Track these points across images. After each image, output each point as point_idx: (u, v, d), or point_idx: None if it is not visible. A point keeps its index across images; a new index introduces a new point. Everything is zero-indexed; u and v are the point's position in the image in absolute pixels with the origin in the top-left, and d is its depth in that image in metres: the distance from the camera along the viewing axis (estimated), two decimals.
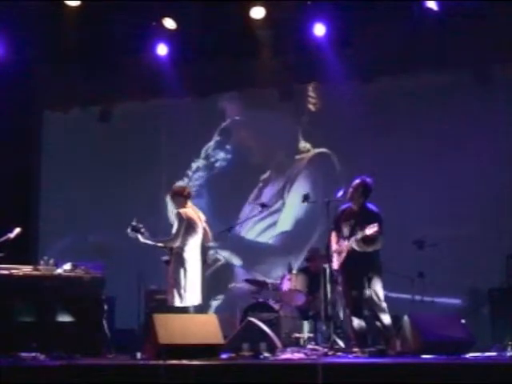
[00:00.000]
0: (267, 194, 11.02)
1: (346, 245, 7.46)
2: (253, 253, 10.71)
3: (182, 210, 7.57)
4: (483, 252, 9.57)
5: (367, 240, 7.30)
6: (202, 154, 11.44)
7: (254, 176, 11.17)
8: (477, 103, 9.92)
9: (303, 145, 11.05)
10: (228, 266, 10.93)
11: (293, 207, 10.76)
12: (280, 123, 11.07)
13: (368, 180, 7.55)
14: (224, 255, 10.89)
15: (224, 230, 8.74)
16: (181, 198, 7.66)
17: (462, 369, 5.33)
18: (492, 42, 9.64)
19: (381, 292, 7.37)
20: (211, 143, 11.41)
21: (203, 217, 7.74)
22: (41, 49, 10.56)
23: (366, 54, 10.05)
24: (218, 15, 9.87)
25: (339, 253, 7.52)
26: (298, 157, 11.00)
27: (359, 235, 7.28)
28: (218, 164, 11.41)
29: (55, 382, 5.60)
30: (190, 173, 11.44)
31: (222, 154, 11.40)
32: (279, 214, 10.89)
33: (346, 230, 7.50)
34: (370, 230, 7.16)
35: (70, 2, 9.72)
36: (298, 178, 10.96)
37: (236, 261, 10.68)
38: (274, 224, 10.84)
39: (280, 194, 11.02)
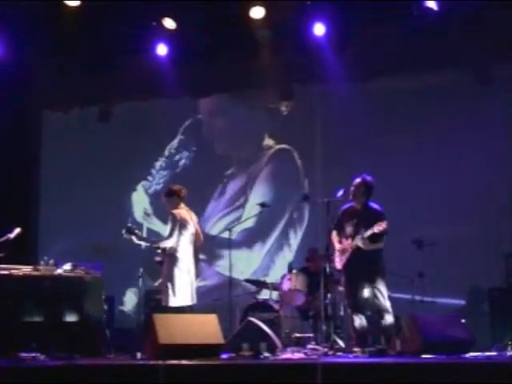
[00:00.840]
0: (231, 190, 11.13)
1: (349, 243, 7.44)
2: (215, 248, 10.75)
3: (175, 211, 7.63)
4: (483, 251, 9.57)
5: (373, 238, 7.30)
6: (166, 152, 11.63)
7: (219, 172, 11.29)
8: (477, 103, 9.90)
9: (266, 142, 11.13)
10: None
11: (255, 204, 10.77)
12: (250, 120, 11.15)
13: (369, 178, 7.55)
14: None
15: (224, 230, 8.75)
16: (177, 198, 7.71)
17: (462, 368, 5.32)
18: (492, 41, 9.62)
19: (385, 291, 7.37)
20: (175, 142, 11.52)
21: (195, 218, 7.82)
22: (40, 49, 10.54)
23: (366, 54, 10.03)
24: (218, 15, 9.86)
25: (342, 252, 7.50)
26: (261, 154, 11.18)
27: (366, 233, 7.26)
28: (181, 162, 11.52)
29: (55, 382, 5.59)
30: (153, 171, 11.53)
31: (185, 153, 11.52)
32: (242, 209, 10.96)
33: (349, 230, 7.49)
34: (379, 227, 7.16)
35: (69, 2, 9.69)
36: (259, 175, 11.05)
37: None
38: (237, 219, 10.89)
39: (243, 191, 11.09)
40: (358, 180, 7.53)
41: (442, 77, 10.09)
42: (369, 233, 7.24)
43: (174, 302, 7.43)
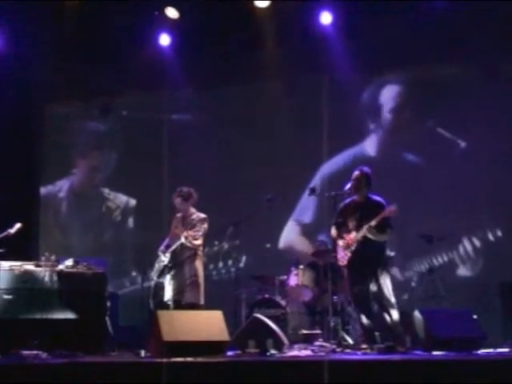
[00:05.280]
0: None
1: (353, 237, 7.45)
2: None
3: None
4: (494, 245, 9.57)
5: (381, 227, 7.32)
6: None
7: None
8: (485, 96, 9.84)
9: None
10: None
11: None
12: None
13: (367, 169, 7.59)
14: None
15: (230, 226, 8.71)
16: (193, 200, 7.99)
17: (474, 365, 5.32)
18: (501, 34, 9.58)
19: (390, 286, 7.38)
20: None
21: None
22: (41, 41, 10.57)
23: (373, 44, 9.98)
24: (222, 4, 9.85)
25: (346, 247, 7.50)
26: None
27: (373, 221, 7.28)
28: None
29: (57, 380, 5.60)
30: None
31: None
32: None
33: (352, 224, 7.50)
34: (390, 209, 7.24)
35: None
36: None
37: None
38: None
39: None
40: (357, 173, 7.55)
41: (449, 69, 10.06)
42: (377, 219, 7.26)
43: (201, 299, 7.76)
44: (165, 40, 10.63)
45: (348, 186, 7.63)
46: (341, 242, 7.56)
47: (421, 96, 10.23)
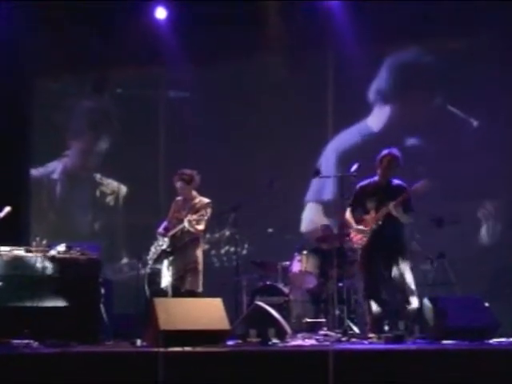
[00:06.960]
0: None
1: (374, 215, 7.44)
2: None
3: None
4: (508, 230, 9.56)
5: (406, 205, 7.36)
6: None
7: None
8: (501, 71, 9.78)
9: None
10: None
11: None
12: None
13: (397, 152, 7.55)
14: None
15: (229, 210, 8.69)
16: (195, 184, 7.95)
17: (486, 355, 5.33)
18: None
19: (410, 272, 7.41)
20: None
21: None
22: (32, 14, 10.52)
23: (379, 18, 9.90)
24: None
25: (365, 227, 7.47)
26: None
27: (402, 197, 7.30)
28: None
29: (49, 370, 5.62)
30: None
31: None
32: None
33: (371, 205, 7.52)
34: (421, 185, 7.31)
35: None
36: None
37: None
38: None
39: None
40: (388, 156, 7.49)
41: (462, 43, 9.98)
42: (405, 195, 7.31)
43: (200, 287, 7.80)
44: (161, 13, 10.58)
45: (355, 166, 7.60)
46: (356, 225, 7.53)
47: (430, 72, 10.16)
